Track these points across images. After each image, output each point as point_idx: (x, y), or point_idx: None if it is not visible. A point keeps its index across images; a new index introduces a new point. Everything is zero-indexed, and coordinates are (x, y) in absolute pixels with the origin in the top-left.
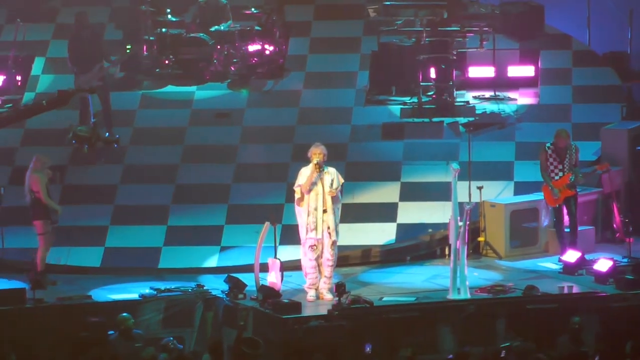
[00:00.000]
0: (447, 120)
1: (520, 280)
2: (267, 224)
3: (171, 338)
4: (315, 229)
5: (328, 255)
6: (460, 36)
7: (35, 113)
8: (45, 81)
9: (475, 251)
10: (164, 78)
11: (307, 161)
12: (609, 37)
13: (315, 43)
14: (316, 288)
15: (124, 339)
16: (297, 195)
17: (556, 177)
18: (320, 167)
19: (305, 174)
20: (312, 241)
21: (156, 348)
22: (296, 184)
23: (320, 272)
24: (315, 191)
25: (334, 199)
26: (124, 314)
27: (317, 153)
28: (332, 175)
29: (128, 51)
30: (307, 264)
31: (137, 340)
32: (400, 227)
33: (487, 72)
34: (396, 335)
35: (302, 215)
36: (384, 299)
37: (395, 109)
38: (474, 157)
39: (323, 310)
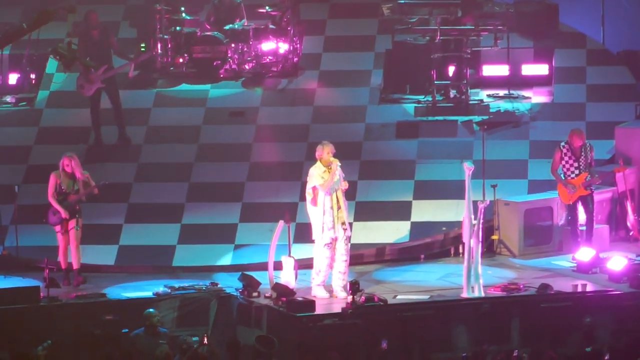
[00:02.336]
0: (461, 118)
1: (534, 279)
2: (281, 222)
3: (195, 338)
4: (333, 227)
5: (342, 250)
6: (474, 35)
7: (17, 37)
8: (59, 79)
9: (489, 249)
10: (178, 76)
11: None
12: (624, 35)
13: (329, 41)
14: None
15: (149, 335)
16: (309, 197)
17: (572, 176)
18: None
19: (317, 174)
20: (329, 239)
21: (171, 347)
22: (310, 186)
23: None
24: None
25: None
26: (151, 310)
27: (331, 152)
28: (338, 170)
29: (142, 50)
30: (323, 262)
31: (161, 338)
32: (414, 225)
33: (501, 70)
34: (410, 334)
35: (317, 215)
36: (398, 297)
37: (409, 107)
38: (488, 156)
39: (337, 309)
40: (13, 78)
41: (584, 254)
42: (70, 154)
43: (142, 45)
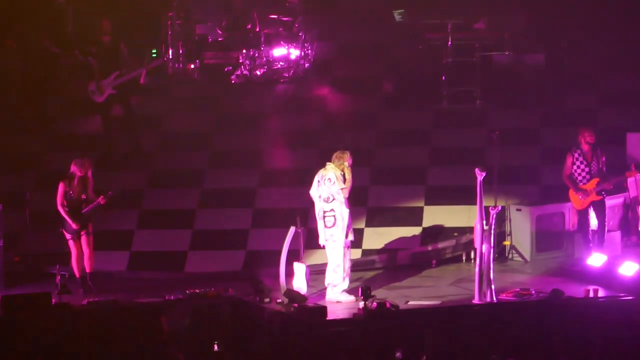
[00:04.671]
0: (473, 123)
1: (545, 284)
2: (292, 228)
3: None
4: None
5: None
6: (485, 40)
7: None
8: None
9: (501, 255)
10: (190, 83)
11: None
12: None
13: (341, 47)
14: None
15: None
16: (342, 197)
17: (583, 181)
18: None
19: (339, 176)
20: (349, 243)
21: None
22: (340, 187)
23: None
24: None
25: None
26: None
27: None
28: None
29: (154, 56)
30: (347, 264)
31: None
32: (426, 231)
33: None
34: (421, 339)
35: (345, 218)
36: (410, 302)
37: (421, 113)
38: (500, 161)
39: (349, 314)
40: None
41: (596, 259)
42: (79, 159)
43: (154, 51)
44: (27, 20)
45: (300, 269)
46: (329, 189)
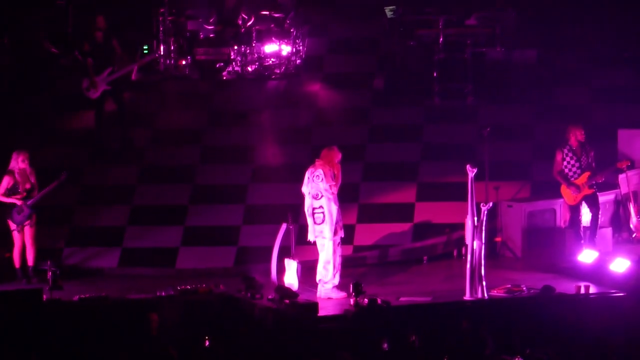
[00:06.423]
0: (464, 119)
1: (537, 281)
2: (284, 224)
3: None
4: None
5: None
6: (477, 36)
7: None
8: None
9: (492, 251)
10: (181, 79)
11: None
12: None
13: (332, 43)
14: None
15: None
16: (330, 194)
17: (575, 176)
18: None
19: (328, 173)
20: (339, 239)
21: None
22: (329, 184)
23: None
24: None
25: None
26: None
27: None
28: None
29: (145, 52)
30: (338, 260)
31: None
32: (417, 227)
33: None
34: (412, 335)
35: (333, 214)
36: (401, 299)
37: (413, 109)
38: (491, 157)
39: (340, 310)
40: None
41: (587, 256)
42: (17, 151)
43: (145, 47)
44: (26, 20)
45: (291, 265)
46: (317, 185)
